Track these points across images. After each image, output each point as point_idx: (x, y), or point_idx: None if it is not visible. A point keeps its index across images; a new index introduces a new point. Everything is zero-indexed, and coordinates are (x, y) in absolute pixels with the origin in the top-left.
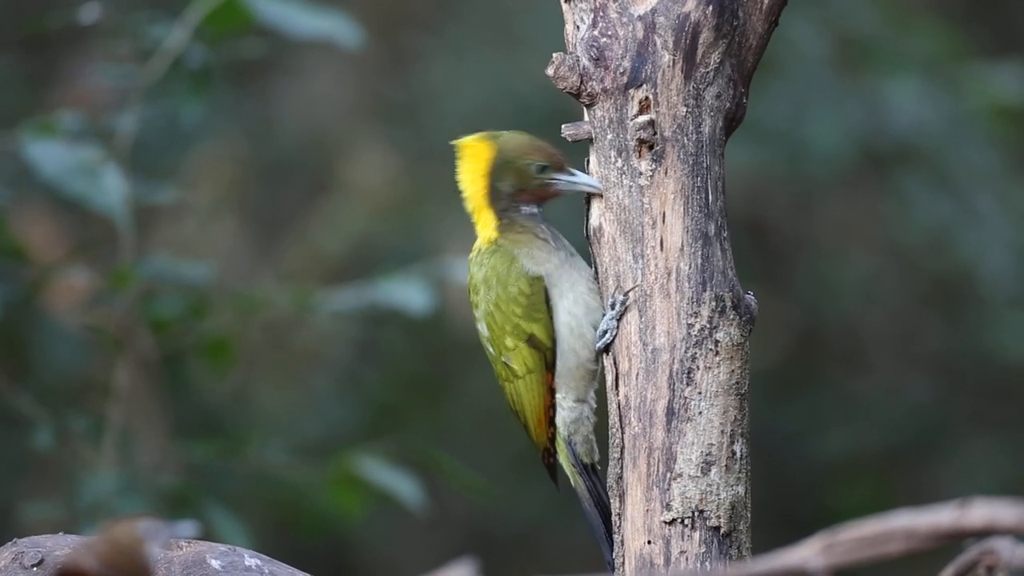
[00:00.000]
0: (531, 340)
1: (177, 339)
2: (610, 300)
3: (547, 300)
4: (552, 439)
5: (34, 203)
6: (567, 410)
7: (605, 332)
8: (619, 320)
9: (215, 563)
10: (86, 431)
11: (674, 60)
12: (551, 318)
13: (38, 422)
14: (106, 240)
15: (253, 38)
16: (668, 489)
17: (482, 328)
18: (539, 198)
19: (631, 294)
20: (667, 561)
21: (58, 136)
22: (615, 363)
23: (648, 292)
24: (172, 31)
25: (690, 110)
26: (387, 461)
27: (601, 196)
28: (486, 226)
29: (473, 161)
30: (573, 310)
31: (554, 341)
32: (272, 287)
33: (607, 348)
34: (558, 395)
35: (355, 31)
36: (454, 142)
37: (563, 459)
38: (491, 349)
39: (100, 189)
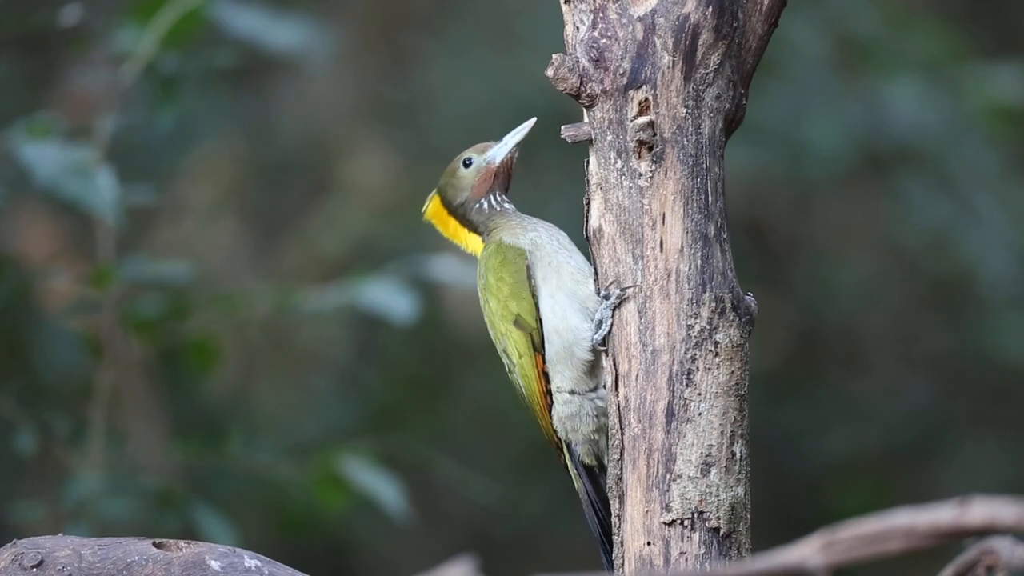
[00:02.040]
0: (517, 321)
1: (160, 340)
2: (604, 292)
3: (531, 281)
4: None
5: (30, 203)
6: (562, 404)
7: (601, 322)
8: (615, 310)
9: (215, 564)
10: (72, 433)
11: (674, 61)
12: (536, 299)
13: (22, 425)
14: (99, 241)
15: (226, 46)
16: (668, 490)
17: (487, 321)
18: (492, 183)
19: (628, 290)
20: (667, 562)
21: (52, 137)
22: (615, 364)
23: (648, 293)
24: (142, 38)
25: (690, 111)
26: (372, 461)
27: (599, 192)
28: (473, 245)
29: (437, 217)
30: (555, 294)
31: (540, 323)
32: (254, 287)
33: (604, 343)
34: (552, 384)
35: (326, 41)
36: (425, 218)
37: (566, 459)
38: (495, 342)
39: (93, 191)
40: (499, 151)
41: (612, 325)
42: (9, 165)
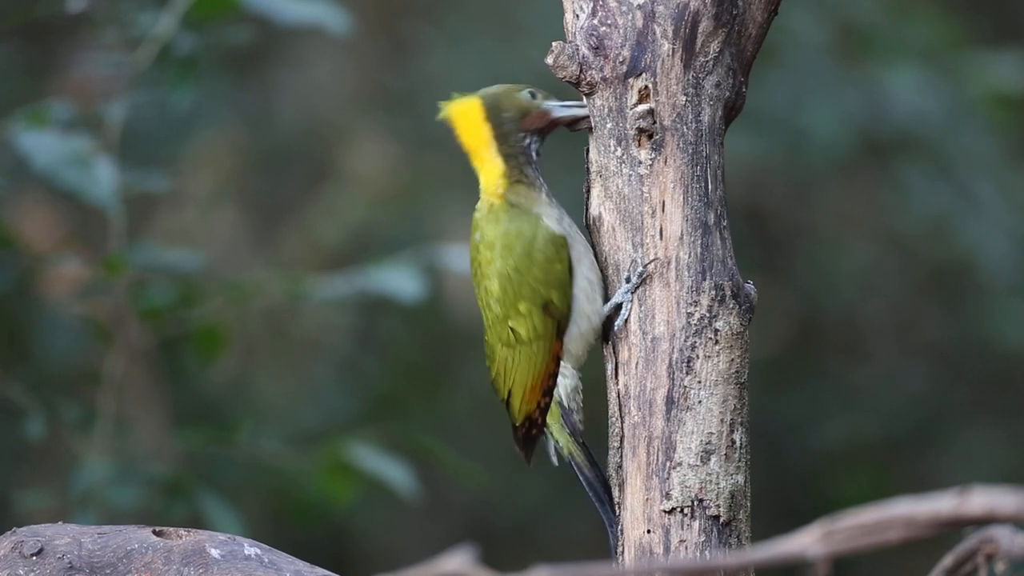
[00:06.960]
0: (547, 307)
1: (169, 327)
2: (625, 274)
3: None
4: (543, 409)
5: (31, 191)
6: (568, 377)
7: (620, 305)
8: (634, 292)
9: (214, 552)
10: (79, 420)
11: (673, 49)
12: (571, 284)
13: (30, 411)
14: (101, 229)
15: (241, 24)
16: (667, 478)
17: (491, 285)
18: (542, 126)
19: (650, 266)
20: (667, 550)
21: (49, 126)
22: (614, 352)
23: (648, 281)
24: (160, 19)
25: (689, 99)
26: (380, 448)
27: (599, 180)
28: (492, 174)
29: (467, 115)
30: (589, 276)
31: (569, 307)
32: (263, 274)
33: (606, 335)
34: (562, 362)
35: (343, 17)
36: (441, 112)
37: (557, 431)
38: (497, 309)
39: (92, 180)
40: (561, 110)
41: (632, 309)
42: (8, 154)
